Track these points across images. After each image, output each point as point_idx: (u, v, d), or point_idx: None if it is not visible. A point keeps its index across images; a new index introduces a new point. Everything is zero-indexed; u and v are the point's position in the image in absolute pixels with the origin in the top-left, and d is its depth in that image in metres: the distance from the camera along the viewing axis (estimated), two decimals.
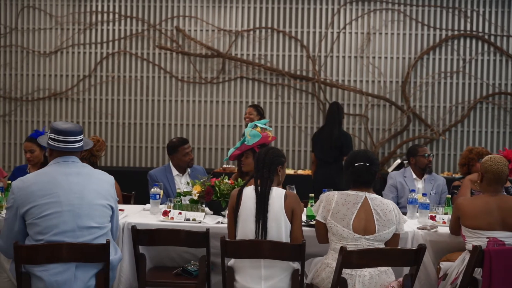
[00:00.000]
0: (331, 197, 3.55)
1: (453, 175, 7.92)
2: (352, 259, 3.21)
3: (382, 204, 3.49)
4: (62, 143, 3.31)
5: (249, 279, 3.49)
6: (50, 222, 3.14)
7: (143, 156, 8.93)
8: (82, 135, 3.42)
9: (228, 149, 8.76)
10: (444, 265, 3.83)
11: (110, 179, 3.47)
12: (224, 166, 8.32)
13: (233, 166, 8.41)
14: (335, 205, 3.50)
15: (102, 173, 3.47)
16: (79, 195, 3.22)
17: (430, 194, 5.02)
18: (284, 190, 3.59)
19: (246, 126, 7.08)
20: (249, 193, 3.57)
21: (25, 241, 3.21)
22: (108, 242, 3.18)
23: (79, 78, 8.87)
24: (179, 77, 8.82)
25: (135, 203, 5.21)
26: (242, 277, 3.51)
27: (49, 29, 8.87)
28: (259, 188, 3.55)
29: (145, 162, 8.93)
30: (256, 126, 4.61)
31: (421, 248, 3.27)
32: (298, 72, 8.74)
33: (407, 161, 7.61)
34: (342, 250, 3.16)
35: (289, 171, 7.76)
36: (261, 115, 6.93)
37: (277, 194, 3.54)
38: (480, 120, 8.69)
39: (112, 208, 3.40)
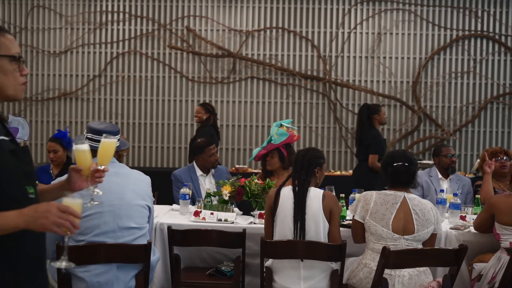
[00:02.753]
0: (369, 197, 3.55)
1: (466, 175, 7.91)
2: (394, 259, 3.20)
3: (420, 204, 3.49)
4: (99, 143, 3.27)
5: (288, 279, 3.47)
6: (91, 223, 3.12)
7: (153, 156, 8.89)
8: (119, 135, 3.39)
9: (238, 149, 8.80)
10: (478, 266, 3.82)
11: (147, 179, 3.45)
12: (237, 166, 8.31)
13: (245, 166, 8.40)
14: (374, 204, 3.49)
15: (139, 173, 3.45)
16: (119, 196, 3.20)
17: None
18: (322, 191, 3.58)
19: (197, 125, 7.10)
20: (286, 193, 3.56)
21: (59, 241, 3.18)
22: (149, 243, 3.16)
23: (89, 78, 8.83)
24: (189, 77, 8.80)
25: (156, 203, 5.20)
26: (281, 278, 3.50)
27: (59, 29, 8.83)
28: (296, 188, 3.54)
29: (156, 162, 8.90)
30: (281, 125, 4.59)
31: (462, 248, 3.26)
32: (309, 72, 8.73)
33: (419, 161, 7.68)
34: (385, 250, 3.15)
35: None
36: (210, 112, 7.00)
37: (315, 195, 3.53)
38: (490, 120, 8.71)
39: (149, 208, 3.38)
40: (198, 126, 7.18)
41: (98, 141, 3.28)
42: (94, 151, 3.32)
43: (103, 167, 2.13)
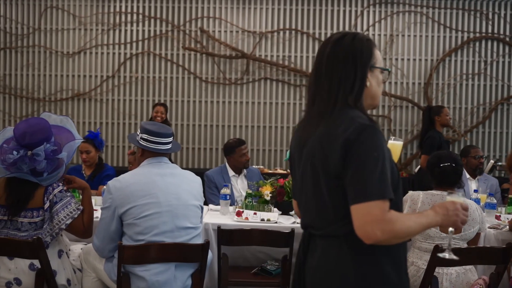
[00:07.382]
0: (416, 196, 3.62)
1: None
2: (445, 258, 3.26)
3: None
4: (155, 144, 3.32)
5: None
6: (151, 223, 3.15)
7: None
8: (172, 137, 3.44)
9: (251, 150, 8.84)
10: None
11: (198, 179, 3.49)
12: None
13: (261, 166, 8.44)
14: (421, 204, 3.56)
15: (191, 174, 3.49)
16: (176, 196, 3.24)
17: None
18: None
19: None
20: None
21: (121, 241, 3.23)
22: (207, 242, 3.21)
23: (103, 78, 8.85)
24: (203, 78, 8.84)
25: None
26: None
27: (73, 30, 8.84)
28: None
29: None
30: None
31: (510, 247, 3.33)
32: None
33: None
34: (437, 249, 3.21)
35: None
36: (167, 111, 7.51)
37: None
38: (501, 121, 8.83)
39: (201, 208, 3.43)
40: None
41: (155, 142, 3.34)
42: (147, 151, 3.39)
43: None
